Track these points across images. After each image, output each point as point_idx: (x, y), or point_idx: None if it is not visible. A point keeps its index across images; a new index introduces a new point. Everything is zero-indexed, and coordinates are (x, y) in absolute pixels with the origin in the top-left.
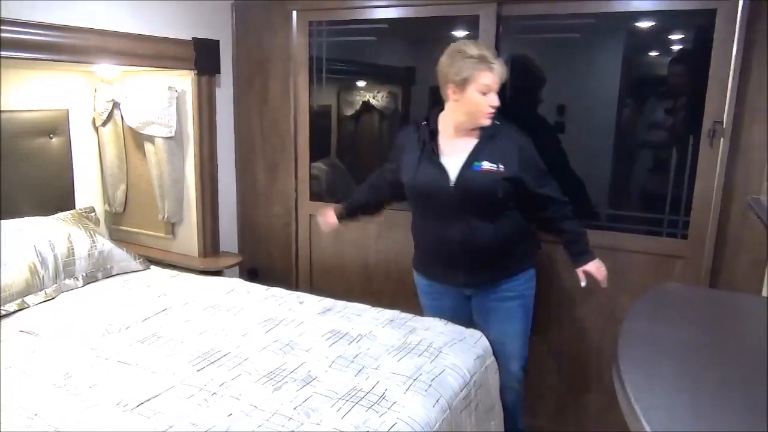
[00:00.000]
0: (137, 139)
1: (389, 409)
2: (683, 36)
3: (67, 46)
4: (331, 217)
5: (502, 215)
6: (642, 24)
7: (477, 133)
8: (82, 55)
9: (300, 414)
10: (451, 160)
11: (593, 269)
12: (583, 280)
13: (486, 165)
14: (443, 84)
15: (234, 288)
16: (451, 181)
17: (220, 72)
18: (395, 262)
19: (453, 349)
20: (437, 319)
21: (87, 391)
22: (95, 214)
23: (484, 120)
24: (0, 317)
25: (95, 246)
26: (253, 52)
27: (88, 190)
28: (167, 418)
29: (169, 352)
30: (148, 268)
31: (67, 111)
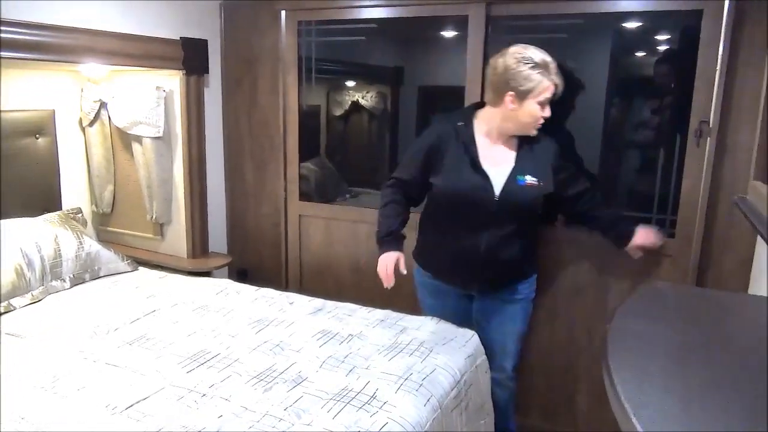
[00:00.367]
0: (125, 140)
1: (380, 409)
2: (670, 36)
3: (56, 45)
4: (402, 266)
5: (528, 227)
6: (629, 24)
7: (514, 141)
8: (70, 55)
9: (291, 415)
10: (494, 170)
11: (643, 240)
12: (637, 254)
13: (529, 179)
14: (500, 89)
15: (223, 289)
16: (496, 194)
17: (208, 72)
18: None
19: (444, 349)
20: (428, 318)
21: (75, 394)
22: (82, 215)
23: (533, 131)
24: None
25: (82, 247)
26: (242, 51)
27: (75, 190)
28: (157, 420)
29: (159, 353)
30: (136, 269)
31: (54, 111)
